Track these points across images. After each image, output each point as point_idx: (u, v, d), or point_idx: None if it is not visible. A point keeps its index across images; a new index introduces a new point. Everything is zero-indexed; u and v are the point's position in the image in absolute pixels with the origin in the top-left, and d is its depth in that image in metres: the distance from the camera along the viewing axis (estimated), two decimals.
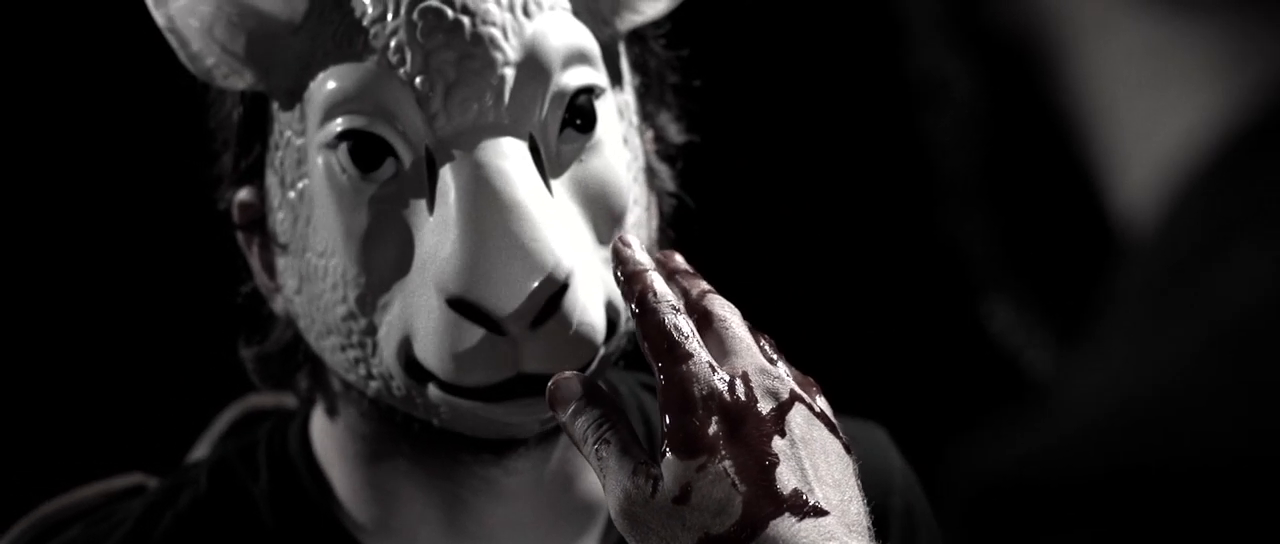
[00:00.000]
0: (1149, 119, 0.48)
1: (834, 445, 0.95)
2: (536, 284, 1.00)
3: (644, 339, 0.97)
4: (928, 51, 0.51)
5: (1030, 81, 0.50)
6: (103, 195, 1.98)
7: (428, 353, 1.04)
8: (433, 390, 1.06)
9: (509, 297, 1.00)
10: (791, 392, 0.95)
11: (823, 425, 0.95)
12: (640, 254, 1.01)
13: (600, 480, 0.95)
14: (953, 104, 0.51)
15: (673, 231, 1.18)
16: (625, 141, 1.11)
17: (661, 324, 0.96)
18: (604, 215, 1.08)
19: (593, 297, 1.04)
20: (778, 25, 1.72)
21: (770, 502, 0.91)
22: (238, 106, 1.13)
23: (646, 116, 1.17)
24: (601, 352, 1.05)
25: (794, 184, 1.93)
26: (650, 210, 1.15)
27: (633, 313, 0.98)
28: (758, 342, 0.98)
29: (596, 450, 0.95)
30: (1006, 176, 0.52)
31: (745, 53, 1.78)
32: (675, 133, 1.19)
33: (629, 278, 0.99)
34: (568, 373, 0.98)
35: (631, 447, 0.95)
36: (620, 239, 1.02)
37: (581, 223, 1.06)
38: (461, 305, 1.01)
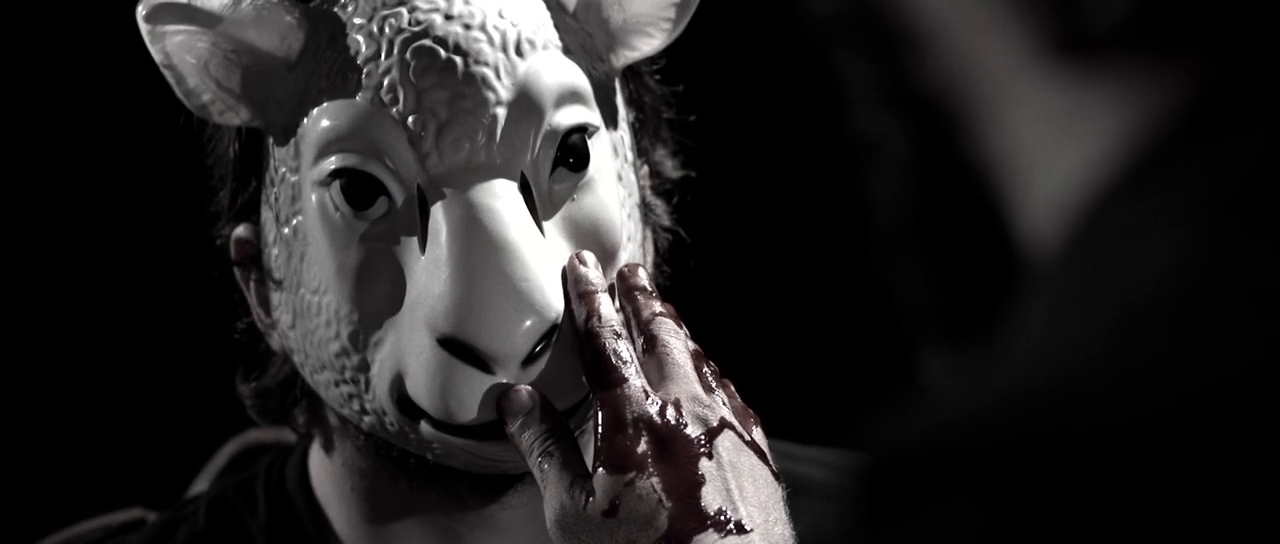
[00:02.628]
0: (1053, 174, 0.53)
1: (763, 472, 1.03)
2: (528, 324, 1.04)
3: (584, 360, 1.05)
4: (864, 111, 0.55)
5: (950, 140, 0.54)
6: (104, 227, 2.01)
7: (419, 391, 1.07)
8: (425, 427, 1.09)
9: (500, 336, 1.04)
10: (722, 419, 1.03)
11: (752, 453, 1.03)
12: (593, 272, 1.08)
13: (542, 492, 1.03)
14: (886, 160, 0.55)
15: (669, 267, 1.21)
16: (620, 178, 1.14)
17: (602, 348, 1.04)
18: (597, 254, 1.11)
19: None
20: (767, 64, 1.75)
21: (695, 518, 0.99)
22: (234, 143, 1.16)
23: (642, 153, 1.20)
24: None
25: (790, 215, 1.95)
26: (645, 246, 1.18)
27: (578, 332, 1.05)
28: (700, 369, 1.06)
29: (539, 463, 1.03)
30: (930, 226, 0.56)
31: (740, 88, 1.80)
32: (671, 168, 1.22)
33: (579, 296, 1.07)
34: (520, 386, 1.04)
35: (572, 462, 1.03)
36: (577, 255, 1.08)
37: None
38: (452, 344, 1.05)
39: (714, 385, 1.06)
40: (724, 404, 1.05)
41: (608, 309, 1.06)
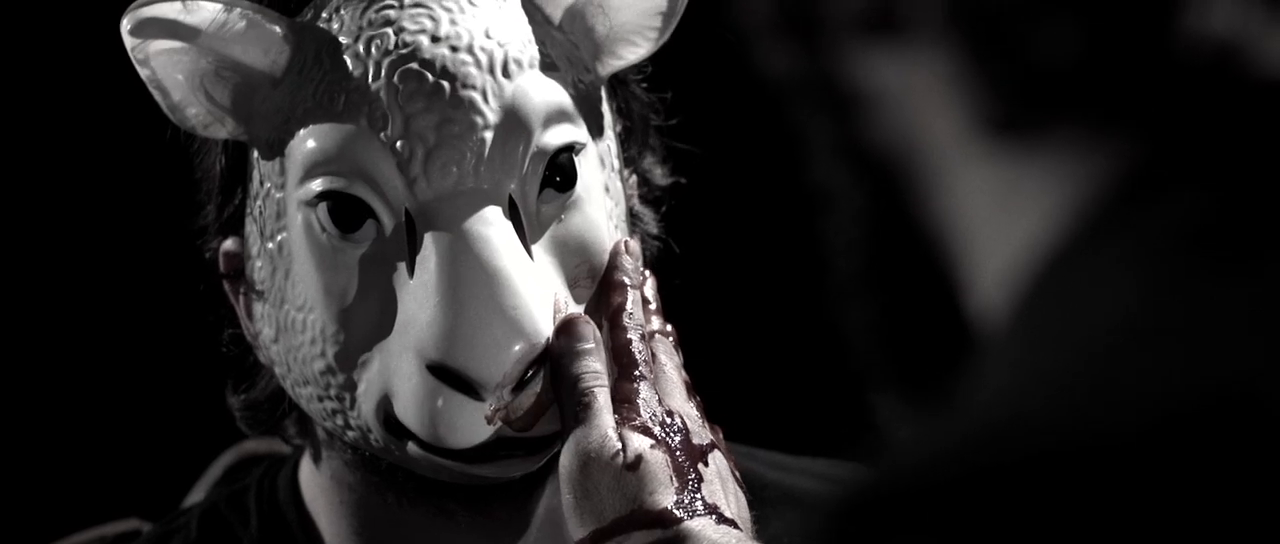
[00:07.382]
0: (997, 239, 0.57)
1: (742, 496, 1.10)
2: (517, 349, 1.07)
3: (608, 345, 1.11)
4: (822, 163, 0.59)
5: (900, 197, 0.58)
6: (100, 238, 2.04)
7: (408, 415, 1.10)
8: (412, 448, 1.12)
9: (489, 363, 1.07)
10: (711, 441, 1.10)
11: (733, 479, 1.10)
12: (631, 266, 1.14)
13: (567, 427, 1.07)
14: (842, 209, 0.59)
15: (656, 277, 1.24)
16: (607, 190, 1.17)
17: (628, 345, 1.11)
18: (585, 271, 1.14)
19: None
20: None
21: (695, 501, 1.06)
22: (221, 156, 1.19)
23: (630, 162, 1.23)
24: None
25: (779, 225, 1.98)
26: None
27: (604, 321, 1.12)
28: (690, 397, 1.13)
29: (581, 397, 1.07)
30: (879, 276, 0.60)
31: (728, 97, 1.82)
32: (660, 177, 1.25)
33: (612, 286, 1.13)
34: (587, 316, 1.10)
35: (609, 410, 1.07)
36: (625, 242, 1.15)
37: (561, 284, 1.13)
38: (442, 371, 1.08)
39: (698, 415, 1.12)
40: (707, 431, 1.11)
41: (636, 308, 1.13)
